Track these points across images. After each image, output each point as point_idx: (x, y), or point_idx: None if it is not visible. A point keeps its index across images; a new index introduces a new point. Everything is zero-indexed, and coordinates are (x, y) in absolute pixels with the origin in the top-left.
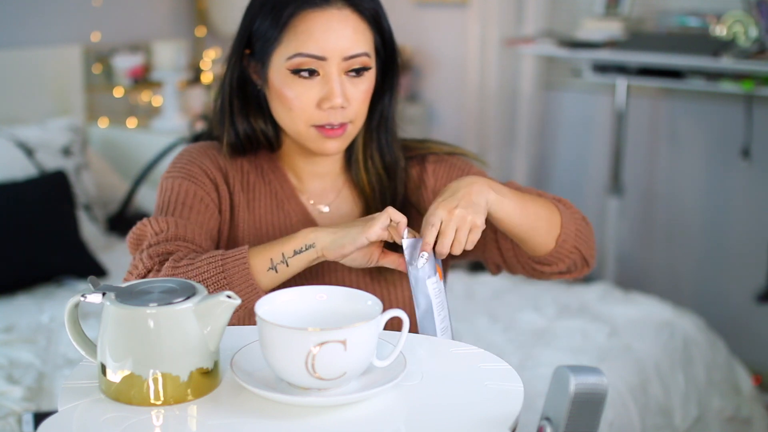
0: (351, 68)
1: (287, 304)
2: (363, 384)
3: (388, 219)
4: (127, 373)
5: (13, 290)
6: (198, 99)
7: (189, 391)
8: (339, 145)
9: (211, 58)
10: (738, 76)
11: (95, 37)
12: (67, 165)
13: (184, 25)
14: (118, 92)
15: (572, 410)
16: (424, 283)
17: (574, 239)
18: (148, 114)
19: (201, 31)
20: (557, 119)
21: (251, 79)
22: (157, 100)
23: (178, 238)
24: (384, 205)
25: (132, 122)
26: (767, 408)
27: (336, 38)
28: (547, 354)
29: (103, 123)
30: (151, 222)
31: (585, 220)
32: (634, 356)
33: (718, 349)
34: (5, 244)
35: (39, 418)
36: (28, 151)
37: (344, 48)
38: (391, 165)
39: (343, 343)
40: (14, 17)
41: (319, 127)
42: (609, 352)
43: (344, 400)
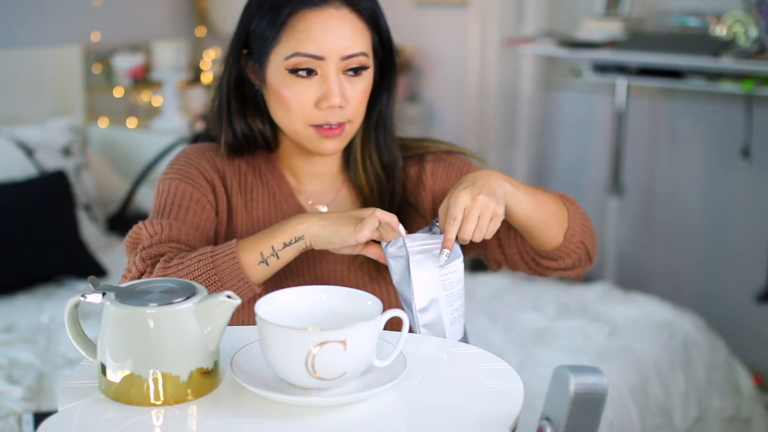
0: (349, 68)
1: (287, 304)
2: (363, 384)
3: (377, 222)
4: (127, 373)
5: (13, 290)
6: (198, 99)
7: (189, 391)
8: (337, 145)
9: (211, 58)
10: (738, 76)
11: (95, 37)
12: (67, 165)
13: (184, 25)
14: (118, 92)
15: (572, 410)
16: (428, 277)
17: (581, 234)
18: (148, 114)
19: (201, 31)
20: (557, 119)
21: (249, 79)
22: (157, 100)
23: (172, 240)
24: (383, 205)
25: (132, 122)
26: (767, 408)
27: (334, 38)
28: (547, 354)
29: (103, 123)
30: (146, 225)
31: (587, 216)
32: (634, 356)
33: (718, 349)
34: (5, 244)
35: (39, 418)
36: (28, 151)
37: (342, 47)
38: (389, 165)
39: (343, 343)
40: (14, 17)
41: (317, 126)
42: (609, 352)
43: (344, 400)
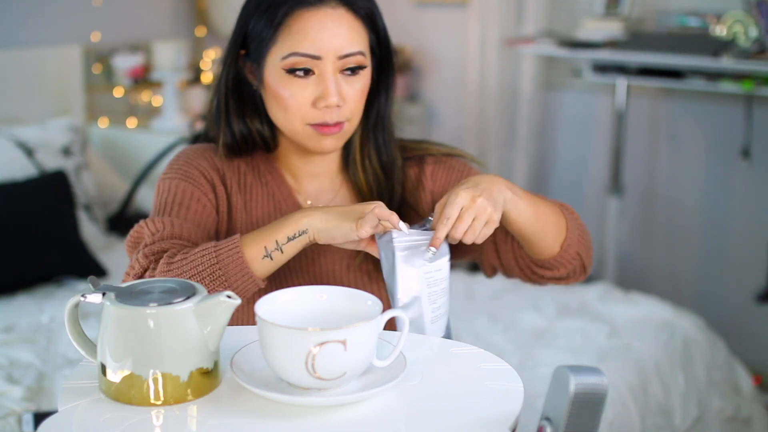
0: (346, 67)
1: (287, 304)
2: (363, 384)
3: (376, 220)
4: (127, 373)
5: (13, 290)
6: (198, 99)
7: (189, 391)
8: (336, 143)
9: (211, 58)
10: (738, 76)
11: (95, 37)
12: (67, 165)
13: (184, 25)
14: (118, 92)
15: (572, 410)
16: (413, 273)
17: (577, 245)
18: (148, 114)
19: (201, 31)
20: (557, 119)
21: (247, 79)
22: (157, 100)
23: (174, 237)
24: None
25: (132, 122)
26: (767, 408)
27: (330, 37)
28: (547, 354)
29: (103, 123)
30: (148, 223)
31: (585, 226)
32: (634, 356)
33: (718, 349)
34: (5, 244)
35: (39, 418)
36: (28, 151)
37: (339, 47)
38: (388, 164)
39: (343, 343)
40: (14, 17)
41: (314, 125)
42: (609, 352)
43: (344, 400)
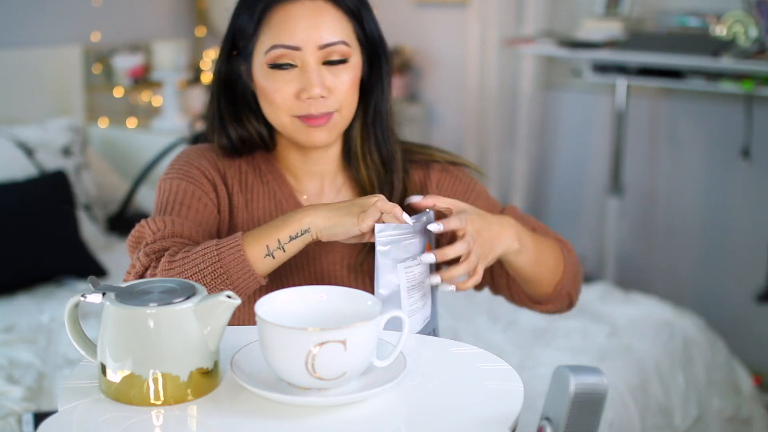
0: (329, 58)
1: (287, 304)
2: (363, 384)
3: (379, 213)
4: (127, 373)
5: (13, 290)
6: (198, 99)
7: (189, 391)
8: (326, 136)
9: (211, 58)
10: (738, 76)
11: (95, 37)
12: (67, 165)
13: (184, 25)
14: (118, 92)
15: (572, 410)
16: (392, 266)
17: (570, 285)
18: (148, 114)
19: (201, 31)
20: (557, 119)
21: (241, 79)
22: (157, 100)
23: (175, 235)
24: None
25: (132, 122)
26: (767, 408)
27: (308, 27)
28: (547, 354)
29: (103, 123)
30: (149, 222)
31: (579, 264)
32: (634, 356)
33: (718, 349)
34: (5, 244)
35: (39, 418)
36: (28, 151)
37: (318, 37)
38: (387, 159)
39: (343, 343)
40: (14, 17)
41: (301, 117)
42: (609, 352)
43: (344, 400)
